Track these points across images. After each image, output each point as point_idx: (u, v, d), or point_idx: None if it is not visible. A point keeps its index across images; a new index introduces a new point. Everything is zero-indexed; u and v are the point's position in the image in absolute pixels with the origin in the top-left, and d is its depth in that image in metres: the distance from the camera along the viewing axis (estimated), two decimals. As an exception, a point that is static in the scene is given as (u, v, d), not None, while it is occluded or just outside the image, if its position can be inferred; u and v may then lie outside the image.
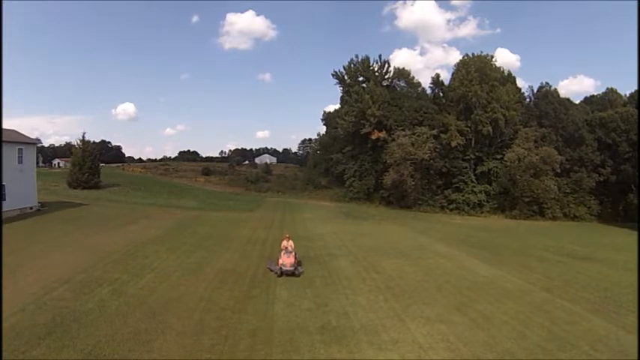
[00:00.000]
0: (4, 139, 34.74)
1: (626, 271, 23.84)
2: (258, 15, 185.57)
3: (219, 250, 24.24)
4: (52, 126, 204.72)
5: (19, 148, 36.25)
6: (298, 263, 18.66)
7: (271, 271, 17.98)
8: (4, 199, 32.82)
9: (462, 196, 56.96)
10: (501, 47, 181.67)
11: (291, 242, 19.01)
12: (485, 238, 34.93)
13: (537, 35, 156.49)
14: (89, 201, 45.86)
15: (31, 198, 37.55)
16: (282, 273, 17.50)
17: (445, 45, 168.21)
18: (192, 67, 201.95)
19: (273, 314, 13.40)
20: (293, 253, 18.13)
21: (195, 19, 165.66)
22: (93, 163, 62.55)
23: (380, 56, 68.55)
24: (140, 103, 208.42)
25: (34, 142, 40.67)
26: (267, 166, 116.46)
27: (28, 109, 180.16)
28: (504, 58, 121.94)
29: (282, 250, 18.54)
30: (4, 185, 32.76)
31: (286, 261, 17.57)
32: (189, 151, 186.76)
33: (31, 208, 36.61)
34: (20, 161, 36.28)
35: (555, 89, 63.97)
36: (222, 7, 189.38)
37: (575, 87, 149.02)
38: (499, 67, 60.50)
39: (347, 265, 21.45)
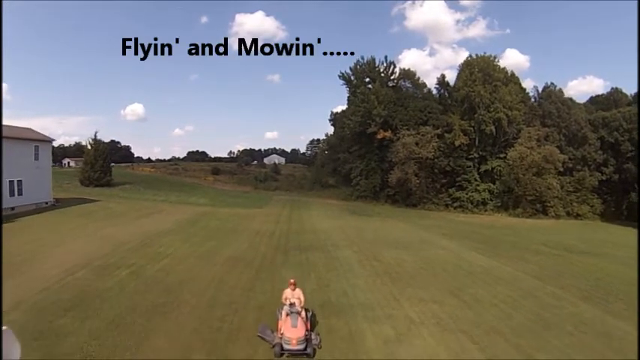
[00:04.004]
0: (21, 136, 36.30)
1: (621, 265, 24.69)
2: (267, 16, 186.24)
3: (229, 240, 25.49)
4: (62, 126, 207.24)
5: (35, 146, 37.55)
6: (311, 327, 11.23)
7: (264, 340, 10.72)
8: (21, 194, 34.27)
9: (466, 194, 57.73)
10: (511, 48, 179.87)
11: (298, 292, 11.68)
12: (486, 234, 35.80)
13: (547, 36, 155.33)
14: (102, 198, 47.02)
15: (47, 194, 38.84)
16: (283, 352, 10.16)
17: (455, 45, 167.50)
18: (201, 67, 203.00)
19: (280, 292, 14.51)
20: (302, 314, 10.87)
21: (204, 19, 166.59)
22: (105, 162, 64.18)
23: (386, 57, 69.73)
24: (149, 104, 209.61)
25: (49, 140, 41.91)
26: (275, 166, 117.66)
27: (38, 110, 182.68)
28: (514, 59, 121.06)
29: (283, 303, 11.35)
30: (20, 180, 34.23)
31: (290, 334, 10.21)
32: (197, 151, 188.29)
33: (46, 203, 37.84)
34: (36, 158, 37.53)
35: (560, 89, 64.44)
36: (232, 8, 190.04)
37: (585, 87, 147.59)
38: (503, 68, 61.26)
39: (349, 254, 22.64)
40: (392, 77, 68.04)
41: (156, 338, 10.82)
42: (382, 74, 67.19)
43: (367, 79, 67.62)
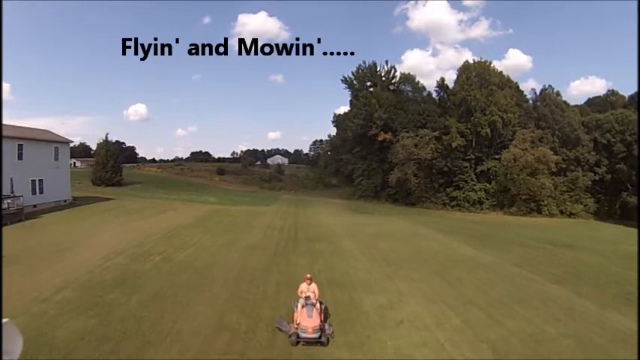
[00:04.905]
0: (42, 138, 38.91)
1: (598, 256, 27.21)
2: (270, 16, 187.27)
3: (244, 232, 28.33)
4: (65, 127, 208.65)
5: (55, 147, 40.15)
6: (324, 319, 12.00)
7: (281, 331, 11.71)
8: (42, 193, 36.79)
9: (463, 193, 60.15)
10: (513, 48, 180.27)
11: (313, 287, 12.49)
12: (478, 230, 38.30)
13: (549, 36, 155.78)
14: (116, 196, 49.75)
15: (65, 192, 41.41)
16: (299, 340, 11.07)
17: (457, 46, 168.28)
18: (204, 68, 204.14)
19: (293, 272, 17.27)
20: (316, 306, 11.74)
21: (207, 19, 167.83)
22: (115, 162, 67.02)
23: (387, 61, 72.33)
24: (152, 104, 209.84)
25: (67, 142, 44.36)
26: (279, 167, 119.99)
27: (41, 111, 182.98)
28: (516, 59, 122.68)
29: (299, 297, 12.17)
30: (42, 180, 36.77)
31: (306, 323, 11.07)
32: (201, 151, 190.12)
33: (64, 201, 40.38)
34: (56, 158, 40.07)
35: (558, 91, 66.47)
36: (235, 8, 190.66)
37: (588, 87, 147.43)
38: (500, 72, 63.74)
39: (351, 244, 25.54)
40: (392, 81, 70.46)
41: (195, 306, 13.48)
42: (383, 78, 69.64)
43: (369, 83, 70.11)
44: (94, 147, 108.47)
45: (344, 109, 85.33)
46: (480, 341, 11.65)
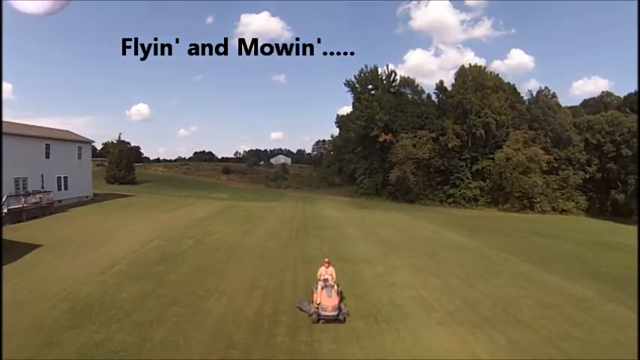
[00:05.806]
0: (65, 138, 42.15)
1: (575, 244, 30.58)
2: (273, 16, 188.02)
3: (259, 223, 31.81)
4: (67, 127, 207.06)
5: (78, 146, 43.36)
6: (340, 299, 13.05)
7: (302, 310, 12.99)
8: (67, 189, 39.87)
9: (459, 191, 63.40)
10: (515, 48, 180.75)
11: (331, 270, 13.95)
12: (470, 222, 41.74)
13: (552, 36, 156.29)
14: (133, 193, 52.79)
15: (87, 189, 44.60)
16: (320, 318, 12.27)
17: (460, 46, 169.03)
18: (207, 68, 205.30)
19: (306, 252, 20.82)
20: (335, 288, 12.91)
21: (209, 19, 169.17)
22: (128, 162, 70.08)
23: (387, 65, 75.63)
24: (154, 104, 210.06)
25: (89, 142, 47.51)
26: (283, 166, 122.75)
27: (42, 111, 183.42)
28: (518, 59, 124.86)
29: (318, 280, 13.45)
30: (66, 177, 39.95)
31: (327, 302, 12.32)
32: (204, 151, 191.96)
33: (87, 197, 43.54)
34: (79, 157, 43.29)
35: (554, 93, 69.07)
36: (237, 8, 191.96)
37: (590, 87, 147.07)
38: (495, 75, 67.14)
39: (354, 231, 29.23)
40: (393, 84, 73.53)
41: (231, 273, 16.95)
42: (384, 82, 72.69)
43: (370, 86, 73.17)
44: (97, 147, 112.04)
45: (347, 109, 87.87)
46: (455, 297, 15.06)
